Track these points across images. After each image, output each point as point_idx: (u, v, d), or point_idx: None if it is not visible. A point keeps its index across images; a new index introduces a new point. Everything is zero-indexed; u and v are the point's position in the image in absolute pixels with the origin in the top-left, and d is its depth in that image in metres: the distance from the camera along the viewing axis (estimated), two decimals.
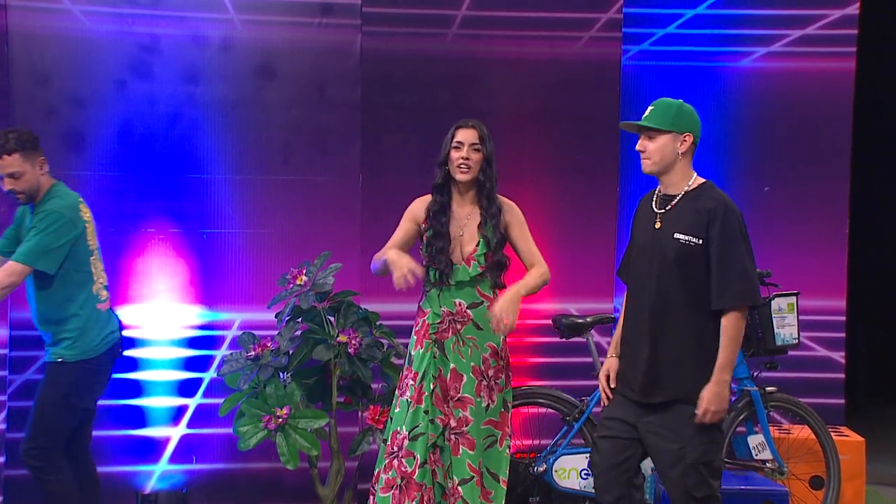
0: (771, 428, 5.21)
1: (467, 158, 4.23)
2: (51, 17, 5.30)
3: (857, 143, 6.06)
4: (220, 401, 4.88)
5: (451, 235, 4.30)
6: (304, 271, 4.77)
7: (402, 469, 4.17)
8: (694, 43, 5.91)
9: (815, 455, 5.28)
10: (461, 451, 4.20)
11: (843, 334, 6.05)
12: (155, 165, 5.40)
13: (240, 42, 5.46)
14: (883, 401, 8.63)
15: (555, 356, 5.69)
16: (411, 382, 4.24)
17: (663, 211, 3.89)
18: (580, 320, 5.11)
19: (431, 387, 4.19)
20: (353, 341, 4.68)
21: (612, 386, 4.02)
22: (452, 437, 4.19)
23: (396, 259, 4.09)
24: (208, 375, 5.46)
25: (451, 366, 4.22)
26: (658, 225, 3.88)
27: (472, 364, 4.24)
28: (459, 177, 4.25)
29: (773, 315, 5.08)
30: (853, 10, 5.93)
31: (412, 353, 4.29)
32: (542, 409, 5.19)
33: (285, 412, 4.58)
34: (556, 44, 5.67)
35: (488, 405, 4.25)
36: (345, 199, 5.53)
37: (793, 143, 5.97)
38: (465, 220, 4.31)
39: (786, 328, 5.07)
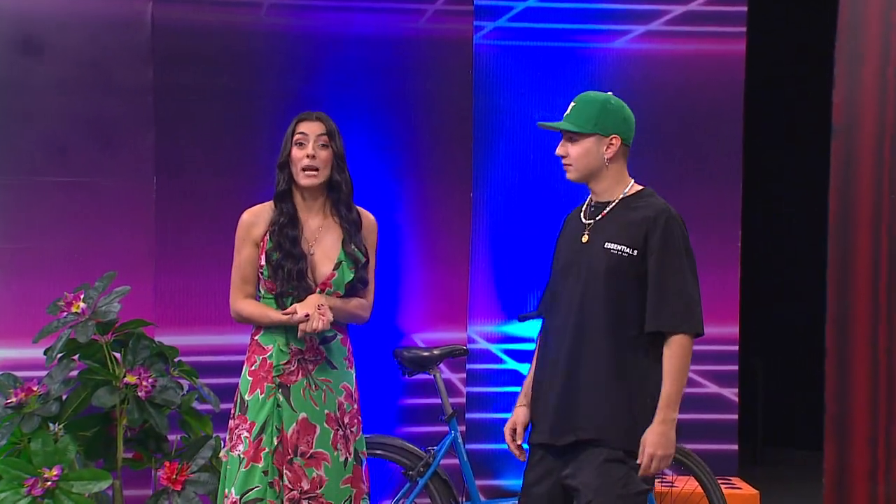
0: None
1: (314, 157, 4.16)
2: None
3: (749, 140, 6.24)
4: None
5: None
6: (82, 296, 4.72)
7: None
8: (560, 19, 6.01)
9: None
10: None
11: (736, 367, 6.22)
12: None
13: None
14: (781, 446, 8.90)
15: (398, 397, 5.71)
16: (245, 434, 4.13)
17: (593, 221, 3.92)
18: (426, 353, 5.16)
19: (275, 442, 4.10)
20: (145, 383, 4.64)
21: (520, 442, 4.03)
22: (304, 502, 4.11)
23: (293, 317, 4.07)
24: None
25: (301, 416, 4.12)
26: (585, 238, 3.91)
27: (326, 412, 4.17)
28: (306, 182, 4.17)
29: None
30: None
31: (246, 397, 4.17)
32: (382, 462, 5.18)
33: (55, 473, 4.49)
34: (397, 17, 5.72)
35: (346, 459, 4.19)
36: (135, 206, 5.48)
37: (675, 140, 6.10)
38: (316, 235, 4.24)
39: None
